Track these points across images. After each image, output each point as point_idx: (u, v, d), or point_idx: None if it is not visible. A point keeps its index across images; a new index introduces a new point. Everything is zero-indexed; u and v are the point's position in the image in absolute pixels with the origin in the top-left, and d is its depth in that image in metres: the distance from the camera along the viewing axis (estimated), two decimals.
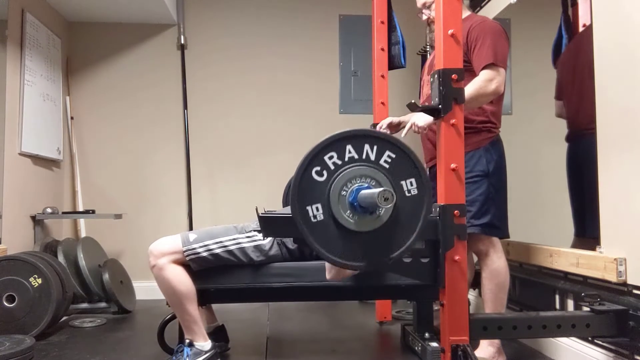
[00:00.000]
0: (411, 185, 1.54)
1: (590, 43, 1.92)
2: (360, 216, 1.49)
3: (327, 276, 1.87)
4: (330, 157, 1.51)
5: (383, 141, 1.54)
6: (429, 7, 2.21)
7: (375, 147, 1.52)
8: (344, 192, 1.49)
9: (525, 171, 2.71)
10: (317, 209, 1.50)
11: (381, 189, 1.35)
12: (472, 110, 2.05)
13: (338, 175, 1.50)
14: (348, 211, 1.49)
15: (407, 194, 1.54)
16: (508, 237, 2.20)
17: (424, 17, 2.26)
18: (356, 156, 1.52)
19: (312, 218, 1.49)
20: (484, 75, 1.97)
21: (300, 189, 1.49)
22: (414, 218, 1.54)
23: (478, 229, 2.04)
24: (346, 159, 1.51)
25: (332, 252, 1.51)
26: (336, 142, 1.51)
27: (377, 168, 1.51)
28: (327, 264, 1.86)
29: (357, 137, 1.52)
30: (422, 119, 1.94)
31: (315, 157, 1.50)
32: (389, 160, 1.53)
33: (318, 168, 1.50)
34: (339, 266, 1.55)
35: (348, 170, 1.50)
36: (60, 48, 3.49)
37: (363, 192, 1.45)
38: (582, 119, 2.27)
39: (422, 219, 1.54)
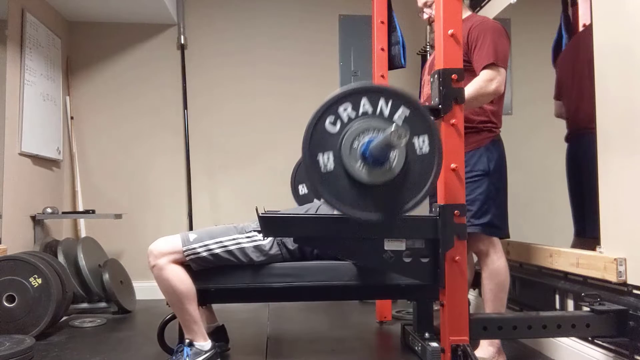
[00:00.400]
0: (423, 142, 1.53)
1: (589, 43, 1.92)
2: (371, 168, 1.48)
3: None
4: (345, 109, 1.50)
5: (399, 97, 1.53)
6: (430, 6, 2.21)
7: (390, 102, 1.52)
8: (356, 145, 1.48)
9: (525, 171, 2.71)
10: (328, 158, 1.49)
11: (393, 126, 1.33)
12: (472, 110, 2.05)
13: (351, 126, 1.49)
14: (359, 162, 1.48)
15: (418, 152, 1.53)
16: (508, 237, 2.20)
17: (425, 16, 2.26)
18: (370, 110, 1.51)
19: (322, 167, 1.49)
20: (484, 75, 1.97)
21: (313, 137, 1.49)
22: (424, 175, 1.53)
23: (478, 229, 2.04)
24: (360, 112, 1.51)
25: (342, 203, 1.50)
26: (352, 95, 1.51)
27: (390, 123, 1.49)
28: None
29: (373, 91, 1.52)
30: None
31: (330, 107, 1.50)
32: (403, 117, 1.52)
33: (332, 118, 1.50)
34: (350, 215, 1.54)
35: (361, 122, 1.50)
36: (60, 48, 3.49)
37: (377, 141, 1.43)
38: (582, 118, 2.27)
39: (432, 176, 1.53)
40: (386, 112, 1.51)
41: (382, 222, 1.56)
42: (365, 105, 1.51)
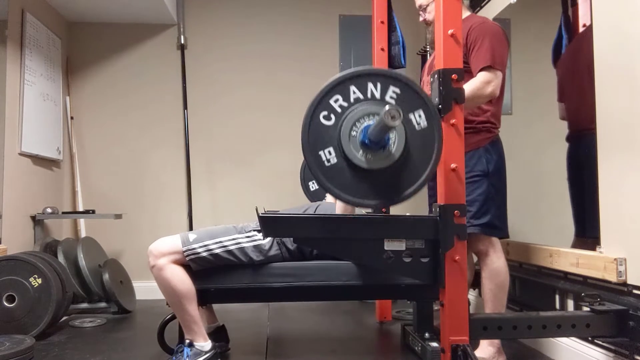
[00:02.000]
0: (420, 117, 1.52)
1: (590, 43, 1.92)
2: (373, 154, 1.47)
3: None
4: (336, 100, 1.49)
5: (385, 77, 1.52)
6: (424, 10, 2.22)
7: (378, 84, 1.51)
8: (354, 133, 1.47)
9: (525, 171, 2.71)
10: (330, 153, 1.49)
11: (386, 107, 1.31)
12: (471, 111, 2.05)
13: (346, 116, 1.49)
14: (360, 151, 1.47)
15: (416, 128, 1.52)
16: (508, 237, 2.20)
17: (420, 19, 2.28)
18: (361, 96, 1.50)
19: (325, 162, 1.48)
20: (481, 77, 1.97)
21: (311, 135, 1.48)
22: (427, 149, 1.53)
23: (478, 229, 2.04)
24: (352, 100, 1.50)
25: (349, 194, 1.50)
26: (339, 85, 1.50)
27: (383, 104, 1.48)
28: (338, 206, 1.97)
29: (359, 77, 1.51)
30: None
31: (320, 102, 1.49)
32: (394, 95, 1.51)
33: (325, 112, 1.49)
34: (357, 206, 1.54)
35: (355, 110, 1.49)
36: (60, 48, 3.49)
37: (372, 125, 1.42)
38: (583, 119, 2.27)
39: (435, 149, 1.52)
40: (377, 94, 1.51)
41: (394, 204, 1.57)
42: (355, 92, 1.50)
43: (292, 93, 3.75)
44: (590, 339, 1.92)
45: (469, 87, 1.93)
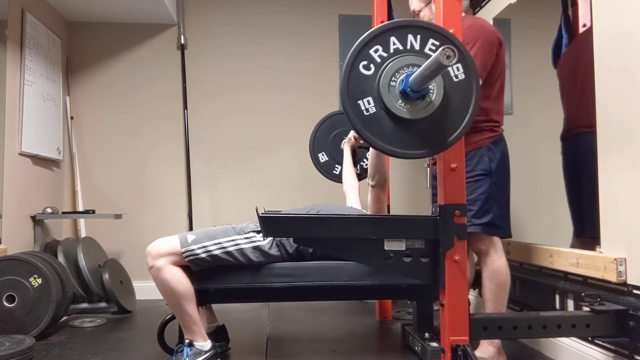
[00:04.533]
0: (458, 70, 1.53)
1: (591, 44, 1.92)
2: (412, 104, 1.48)
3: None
4: (376, 51, 1.51)
5: (425, 30, 1.53)
6: (417, 15, 2.23)
7: (418, 37, 1.52)
8: (394, 83, 1.49)
9: (525, 171, 2.71)
10: (369, 102, 1.50)
11: (441, 47, 1.31)
12: None
13: (385, 67, 1.50)
14: (400, 100, 1.48)
15: (455, 79, 1.53)
16: (510, 236, 2.19)
17: None
18: (401, 47, 1.52)
19: (364, 112, 1.49)
20: None
21: (350, 84, 1.50)
22: (465, 101, 1.54)
23: (479, 229, 2.03)
24: (391, 50, 1.51)
25: (389, 144, 1.50)
26: (379, 35, 1.51)
27: (422, 56, 1.49)
28: (370, 199, 2.14)
29: (399, 28, 1.52)
30: None
31: (360, 51, 1.51)
32: (434, 47, 1.52)
33: (365, 62, 1.51)
34: (398, 156, 1.54)
35: (395, 61, 1.50)
36: (60, 48, 3.49)
37: (419, 69, 1.42)
38: (581, 118, 2.27)
39: (473, 102, 1.53)
40: (417, 46, 1.52)
41: (439, 152, 1.57)
42: (395, 43, 1.51)
43: (292, 93, 3.75)
44: (590, 339, 1.92)
45: None
